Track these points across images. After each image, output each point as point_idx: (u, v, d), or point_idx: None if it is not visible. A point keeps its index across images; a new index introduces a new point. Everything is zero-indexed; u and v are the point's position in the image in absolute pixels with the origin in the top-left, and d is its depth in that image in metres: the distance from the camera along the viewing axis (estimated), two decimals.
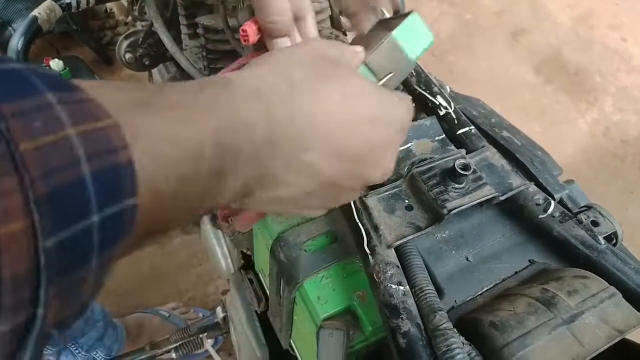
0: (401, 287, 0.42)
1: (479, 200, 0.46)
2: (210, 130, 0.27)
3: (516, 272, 0.48)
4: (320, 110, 0.33)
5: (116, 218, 0.21)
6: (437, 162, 0.50)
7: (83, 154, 0.19)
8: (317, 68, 0.35)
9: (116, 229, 0.21)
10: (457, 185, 0.47)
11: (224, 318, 0.95)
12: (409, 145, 0.55)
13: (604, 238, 0.48)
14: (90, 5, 0.85)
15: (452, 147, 0.55)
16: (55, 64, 1.61)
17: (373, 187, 0.49)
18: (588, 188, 1.71)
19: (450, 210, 0.45)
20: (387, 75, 0.44)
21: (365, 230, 0.46)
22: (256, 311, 0.71)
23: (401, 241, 0.45)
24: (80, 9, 0.85)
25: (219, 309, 0.97)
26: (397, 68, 0.44)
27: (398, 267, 0.43)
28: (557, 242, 0.49)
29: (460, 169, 0.45)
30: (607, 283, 0.43)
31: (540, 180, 0.54)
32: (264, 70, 0.33)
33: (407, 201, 0.48)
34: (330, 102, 0.33)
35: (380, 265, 0.43)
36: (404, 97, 0.39)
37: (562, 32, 2.25)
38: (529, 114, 1.94)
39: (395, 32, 0.43)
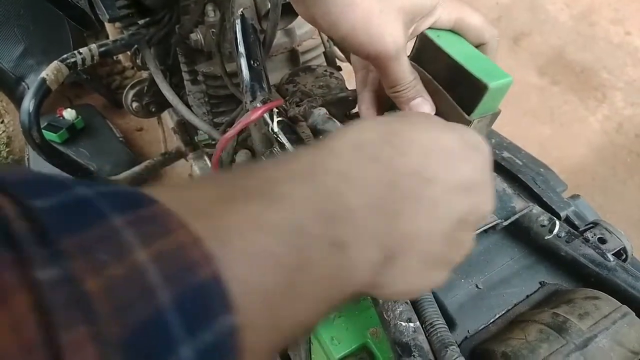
0: (411, 324, 0.42)
1: (480, 230, 0.46)
2: (311, 202, 0.25)
3: (528, 296, 0.48)
4: (432, 141, 0.31)
5: (215, 346, 0.18)
6: None
7: (159, 279, 0.17)
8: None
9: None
10: None
11: None
12: None
13: (614, 254, 0.48)
14: (95, 61, 0.89)
15: None
16: (69, 114, 1.67)
17: None
18: (606, 187, 1.70)
19: None
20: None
21: None
22: None
23: None
24: (85, 67, 0.88)
25: None
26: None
27: (407, 303, 0.44)
28: (566, 262, 0.49)
29: None
30: (619, 302, 0.43)
31: (544, 199, 0.54)
32: (366, 122, 0.32)
33: None
34: (440, 135, 0.32)
35: (389, 303, 0.43)
36: None
37: (563, 31, 2.24)
38: (538, 117, 1.93)
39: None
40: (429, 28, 0.43)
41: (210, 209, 0.21)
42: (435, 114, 0.44)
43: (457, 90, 0.42)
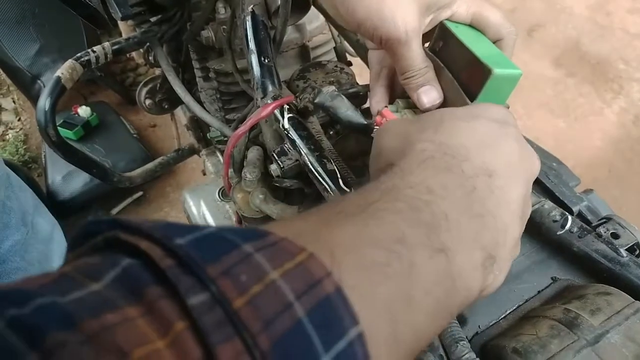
0: None
1: None
2: (406, 213, 0.26)
3: (539, 291, 0.48)
4: (475, 137, 0.33)
5: (347, 354, 0.19)
6: None
7: (292, 294, 0.19)
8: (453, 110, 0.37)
9: None
10: None
11: None
12: None
13: (627, 249, 0.47)
14: (108, 59, 0.90)
15: None
16: (83, 111, 1.69)
17: None
18: (622, 180, 1.67)
19: None
20: None
21: None
22: None
23: None
24: (99, 64, 0.89)
25: None
26: None
27: None
28: (578, 257, 0.48)
29: None
30: (631, 298, 0.42)
31: (556, 194, 0.54)
32: (410, 141, 0.33)
33: None
34: (473, 127, 0.34)
35: None
36: None
37: (579, 22, 2.21)
38: (553, 110, 1.90)
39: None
40: (449, 20, 0.44)
41: (317, 233, 0.24)
42: (443, 102, 0.44)
43: (466, 78, 0.42)
